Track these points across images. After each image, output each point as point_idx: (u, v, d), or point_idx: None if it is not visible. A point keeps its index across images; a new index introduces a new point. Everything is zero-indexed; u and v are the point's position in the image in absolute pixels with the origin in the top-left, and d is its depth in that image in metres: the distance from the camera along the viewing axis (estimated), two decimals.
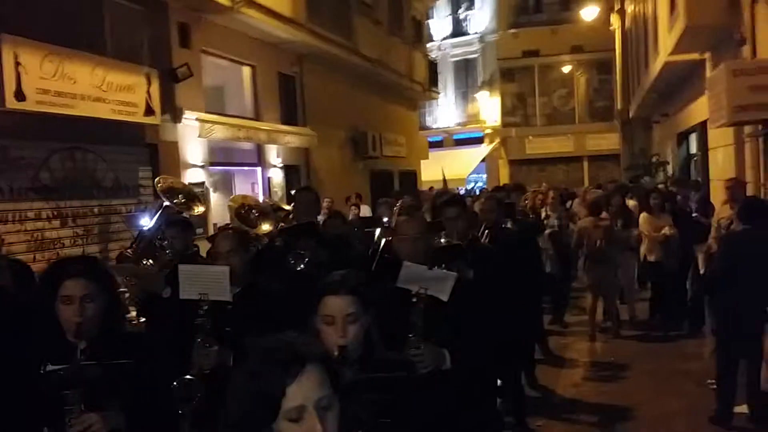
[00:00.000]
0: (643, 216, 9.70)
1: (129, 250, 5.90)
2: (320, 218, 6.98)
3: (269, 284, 4.31)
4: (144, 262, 5.56)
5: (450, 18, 34.04)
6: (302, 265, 4.81)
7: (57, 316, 3.00)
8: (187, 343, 3.64)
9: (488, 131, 33.09)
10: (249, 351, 1.77)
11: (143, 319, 4.81)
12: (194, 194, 6.28)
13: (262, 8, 13.04)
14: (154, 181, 6.37)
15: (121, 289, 4.63)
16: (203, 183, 11.98)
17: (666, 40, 12.59)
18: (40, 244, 8.99)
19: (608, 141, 30.71)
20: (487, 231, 6.06)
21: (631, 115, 24.44)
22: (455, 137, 33.38)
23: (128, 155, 10.59)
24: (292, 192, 9.88)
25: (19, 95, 8.24)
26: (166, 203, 5.70)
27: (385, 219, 6.93)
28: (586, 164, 32.84)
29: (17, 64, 8.22)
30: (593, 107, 32.73)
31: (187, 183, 7.00)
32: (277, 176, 14.82)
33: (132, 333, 3.74)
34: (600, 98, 32.46)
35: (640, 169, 20.23)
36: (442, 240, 4.57)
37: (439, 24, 33.92)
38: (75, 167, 9.59)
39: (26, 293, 4.28)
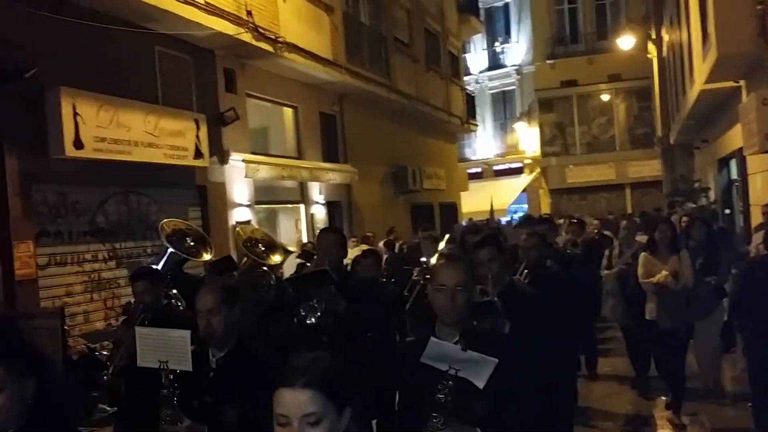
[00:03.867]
0: (642, 257, 7.33)
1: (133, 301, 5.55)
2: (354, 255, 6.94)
3: (259, 347, 3.73)
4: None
5: (487, 51, 34.45)
6: (314, 319, 4.34)
7: None
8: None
9: (528, 161, 33.21)
10: None
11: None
12: (204, 238, 5.95)
13: (303, 52, 13.53)
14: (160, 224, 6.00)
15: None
16: (249, 221, 12.38)
17: (700, 68, 12.72)
18: (97, 285, 9.44)
19: (650, 168, 30.58)
20: (526, 271, 5.47)
21: (671, 142, 24.39)
22: (495, 168, 33.57)
23: (179, 197, 11.06)
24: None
25: (78, 144, 8.73)
26: (171, 249, 5.39)
27: (423, 258, 6.61)
28: (628, 192, 32.66)
29: (75, 114, 8.72)
30: (633, 135, 32.65)
31: (194, 226, 6.49)
32: (319, 213, 15.18)
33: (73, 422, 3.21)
34: (640, 125, 32.38)
35: (682, 196, 20.18)
36: (477, 287, 3.88)
37: (477, 57, 34.34)
38: (129, 210, 10.06)
39: None
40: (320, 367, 2.03)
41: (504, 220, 25.36)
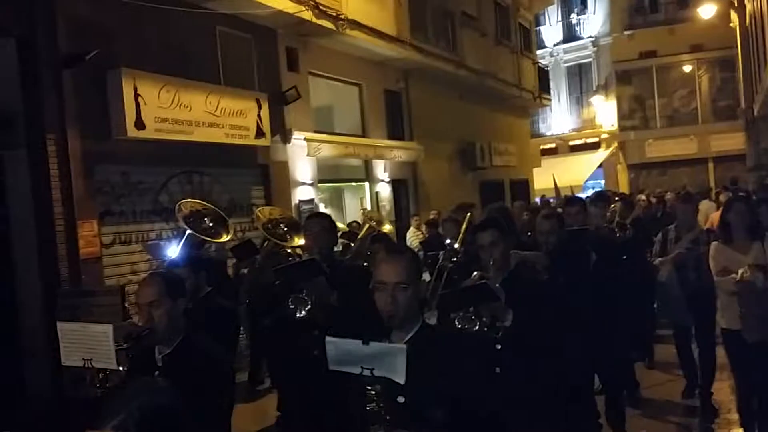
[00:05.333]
0: (713, 247, 5.83)
1: None
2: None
3: (208, 342, 3.41)
4: None
5: (562, 23, 33.59)
6: (304, 312, 3.98)
7: None
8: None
9: (605, 136, 32.34)
10: None
11: None
12: (223, 218, 5.64)
13: (365, 28, 13.43)
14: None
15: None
16: (313, 200, 12.44)
17: None
18: (161, 264, 9.61)
19: (734, 141, 29.36)
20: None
21: (755, 114, 23.34)
22: (570, 143, 32.81)
23: (241, 176, 11.20)
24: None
25: (139, 124, 8.90)
26: (189, 231, 5.17)
27: (448, 241, 6.19)
28: (711, 166, 31.49)
29: (137, 95, 8.89)
30: (717, 107, 31.40)
31: (211, 206, 6.06)
32: (385, 191, 15.13)
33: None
34: (723, 97, 31.11)
35: (766, 170, 19.32)
36: (475, 273, 3.72)
37: (551, 30, 33.54)
38: (192, 189, 10.21)
39: None
40: (137, 406, 1.68)
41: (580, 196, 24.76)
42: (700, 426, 6.69)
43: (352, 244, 6.75)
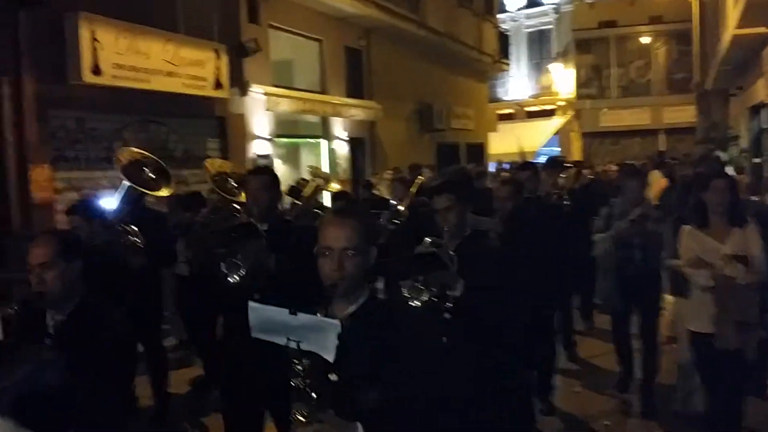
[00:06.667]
0: (685, 232, 4.80)
1: None
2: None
3: (107, 306, 3.13)
4: None
5: None
6: (236, 276, 3.80)
7: None
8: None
9: (561, 103, 32.69)
10: None
11: None
12: (165, 170, 5.21)
13: None
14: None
15: None
16: (269, 155, 12.44)
17: (733, 13, 12.34)
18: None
19: (687, 114, 29.92)
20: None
21: (707, 88, 23.83)
22: (527, 110, 33.10)
23: (198, 128, 11.14)
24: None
25: (96, 70, 8.80)
26: (128, 183, 4.82)
27: (393, 202, 6.02)
28: (663, 137, 32.11)
29: (94, 40, 8.77)
30: (671, 79, 31.94)
31: (152, 155, 5.34)
32: (341, 149, 15.17)
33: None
34: (679, 70, 31.60)
35: (713, 143, 19.84)
36: (428, 240, 3.40)
37: None
38: (147, 138, 10.14)
39: None
40: (19, 378, 1.48)
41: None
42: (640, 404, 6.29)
43: (298, 202, 6.58)
